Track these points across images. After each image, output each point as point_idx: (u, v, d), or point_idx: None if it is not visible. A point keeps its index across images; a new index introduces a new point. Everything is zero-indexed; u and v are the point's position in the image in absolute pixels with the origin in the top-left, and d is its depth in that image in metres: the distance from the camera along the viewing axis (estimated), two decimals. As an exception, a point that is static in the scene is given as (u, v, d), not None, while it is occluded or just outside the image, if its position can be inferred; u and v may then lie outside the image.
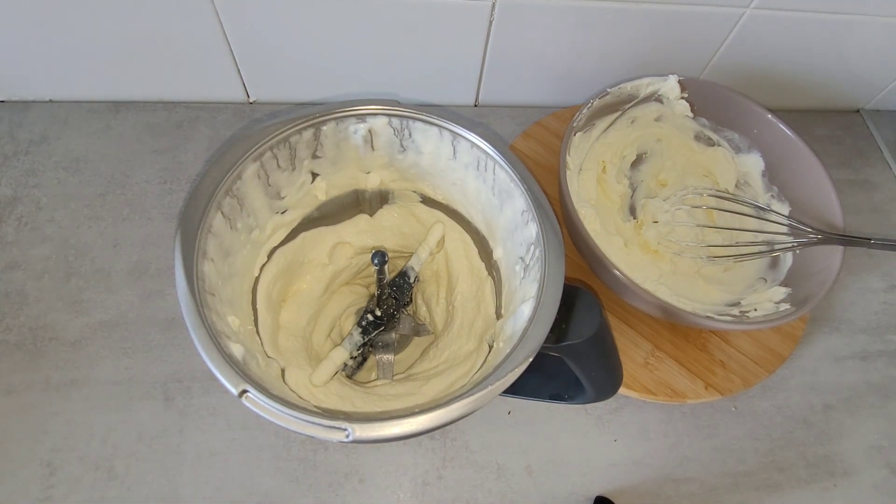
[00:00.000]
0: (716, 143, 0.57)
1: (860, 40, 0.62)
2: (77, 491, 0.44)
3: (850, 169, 0.69)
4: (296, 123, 0.39)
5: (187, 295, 0.32)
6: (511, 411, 0.50)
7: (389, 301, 0.46)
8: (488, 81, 0.63)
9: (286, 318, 0.44)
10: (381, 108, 0.41)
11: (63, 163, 0.57)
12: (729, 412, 0.52)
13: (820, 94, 0.70)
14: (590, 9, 0.54)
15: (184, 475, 0.45)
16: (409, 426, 0.30)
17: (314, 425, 0.29)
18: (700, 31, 0.59)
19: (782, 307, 0.47)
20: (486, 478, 0.47)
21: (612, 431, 0.50)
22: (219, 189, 0.36)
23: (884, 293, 0.61)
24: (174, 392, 0.48)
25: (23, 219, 0.54)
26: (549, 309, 0.34)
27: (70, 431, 0.46)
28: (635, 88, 0.53)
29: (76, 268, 0.52)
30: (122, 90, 0.61)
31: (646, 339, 0.52)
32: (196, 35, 0.54)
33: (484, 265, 0.46)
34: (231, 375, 0.30)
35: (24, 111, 0.60)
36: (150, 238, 0.54)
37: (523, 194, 0.38)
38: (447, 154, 0.42)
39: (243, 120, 0.62)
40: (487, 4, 0.53)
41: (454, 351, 0.44)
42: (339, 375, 0.43)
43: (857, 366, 0.56)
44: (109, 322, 0.50)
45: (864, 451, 0.52)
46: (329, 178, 0.44)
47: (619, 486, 0.48)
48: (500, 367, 0.32)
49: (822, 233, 0.47)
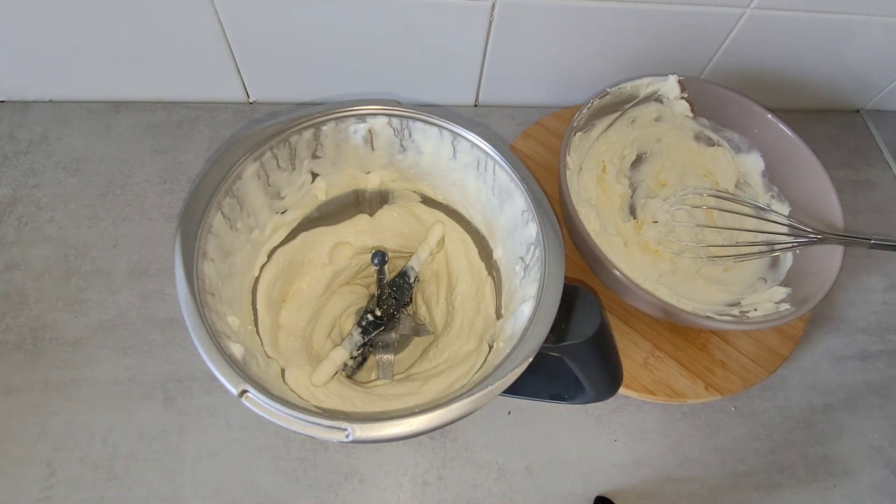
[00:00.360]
0: (716, 144, 0.57)
1: (860, 40, 0.62)
2: (77, 491, 0.44)
3: (850, 169, 0.69)
4: (296, 123, 0.39)
5: (187, 295, 0.32)
6: (511, 411, 0.50)
7: (389, 301, 0.46)
8: (488, 81, 0.63)
9: (286, 318, 0.44)
10: (381, 108, 0.41)
11: (63, 163, 0.57)
12: (729, 412, 0.52)
13: (820, 94, 0.70)
14: (590, 9, 0.54)
15: (184, 475, 0.45)
16: (409, 426, 0.30)
17: (314, 425, 0.29)
18: (700, 31, 0.59)
19: (782, 307, 0.47)
20: (486, 478, 0.47)
21: (612, 431, 0.50)
22: (219, 189, 0.36)
23: (884, 293, 0.61)
24: (174, 392, 0.48)
25: (23, 219, 0.54)
26: (549, 309, 0.34)
27: (70, 431, 0.46)
28: (635, 88, 0.53)
29: (76, 268, 0.52)
30: (122, 90, 0.61)
31: (646, 339, 0.52)
32: (196, 35, 0.54)
33: (484, 265, 0.46)
34: (231, 375, 0.30)
35: (24, 111, 0.60)
36: (150, 238, 0.54)
37: (523, 194, 0.38)
38: (447, 154, 0.42)
39: (243, 120, 0.62)
40: (487, 4, 0.53)
41: (454, 351, 0.44)
42: (339, 375, 0.43)
43: (857, 366, 0.56)
44: (109, 322, 0.50)
45: (864, 451, 0.52)
46: (329, 178, 0.44)
47: (619, 486, 0.48)
48: (500, 367, 0.32)
49: (822, 233, 0.47)
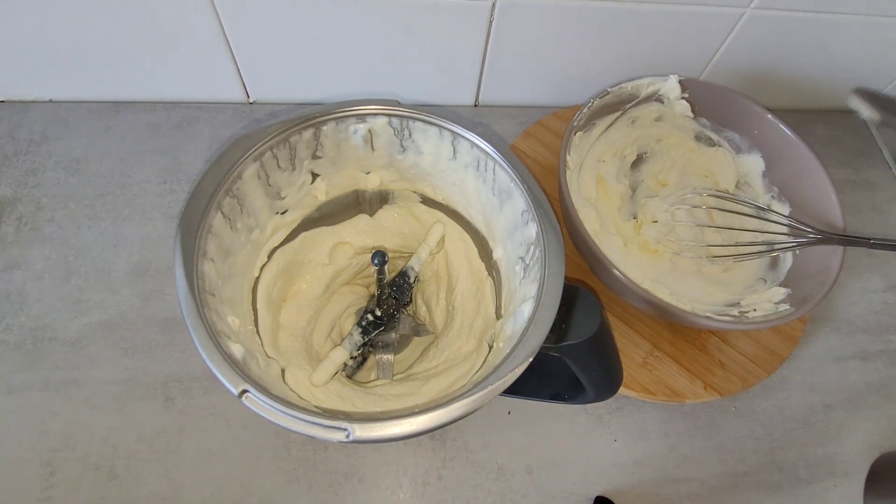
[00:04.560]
0: (716, 144, 0.57)
1: (860, 40, 0.62)
2: (77, 491, 0.44)
3: (850, 169, 0.69)
4: (296, 123, 0.39)
5: (187, 295, 0.32)
6: (511, 411, 0.50)
7: (389, 301, 0.46)
8: (488, 81, 0.63)
9: (286, 318, 0.44)
10: (381, 108, 0.41)
11: (63, 163, 0.57)
12: (729, 412, 0.52)
13: (820, 94, 0.70)
14: (590, 9, 0.54)
15: (184, 475, 0.45)
16: (409, 426, 0.30)
17: (314, 425, 0.29)
18: (700, 31, 0.59)
19: (782, 307, 0.47)
20: (486, 478, 0.47)
21: (612, 431, 0.50)
22: (219, 189, 0.36)
23: (884, 293, 0.61)
24: (174, 392, 0.48)
25: (23, 219, 0.54)
26: (549, 309, 0.34)
27: (70, 431, 0.46)
28: (636, 88, 0.53)
29: (76, 268, 0.52)
30: (122, 90, 0.61)
31: (645, 339, 0.52)
32: (196, 35, 0.54)
33: (484, 265, 0.46)
34: (231, 375, 0.30)
35: (24, 111, 0.60)
36: (150, 238, 0.54)
37: (523, 194, 0.38)
38: (447, 154, 0.42)
39: (243, 120, 0.62)
40: (487, 4, 0.53)
41: (454, 351, 0.44)
42: (339, 375, 0.43)
43: (857, 366, 0.56)
44: (109, 322, 0.50)
45: (864, 451, 0.52)
46: (329, 178, 0.44)
47: (619, 486, 0.48)
48: (500, 367, 0.32)
49: (822, 233, 0.47)
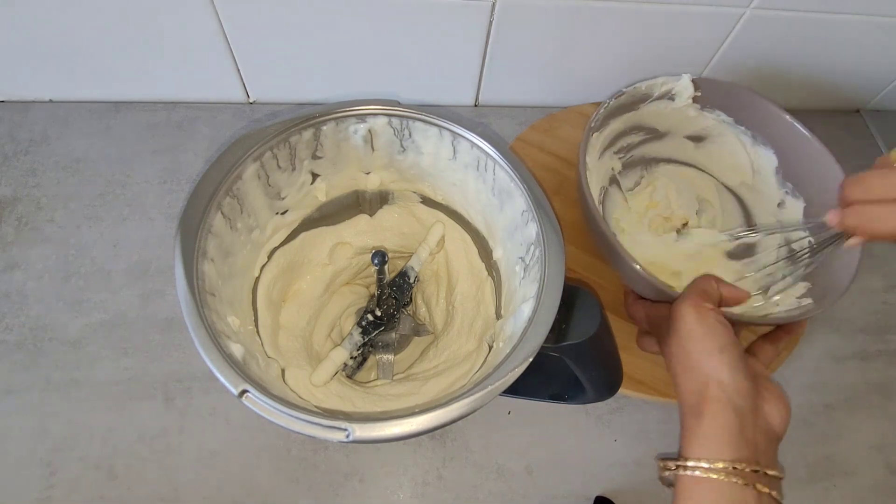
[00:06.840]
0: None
1: (860, 40, 0.61)
2: (77, 491, 0.44)
3: (851, 169, 0.69)
4: (296, 123, 0.39)
5: (187, 295, 0.32)
6: (511, 411, 0.50)
7: (389, 301, 0.46)
8: (488, 81, 0.63)
9: (286, 318, 0.44)
10: (381, 108, 0.41)
11: (63, 163, 0.57)
12: (729, 412, 0.52)
13: (820, 94, 0.70)
14: (590, 9, 0.54)
15: (184, 475, 0.45)
16: (409, 426, 0.30)
17: (314, 425, 0.29)
18: (700, 31, 0.59)
19: (804, 302, 0.46)
20: (486, 478, 0.47)
21: (612, 431, 0.50)
22: (219, 189, 0.36)
23: (884, 293, 0.61)
24: (174, 392, 0.48)
25: (23, 219, 0.54)
26: (549, 309, 0.34)
27: (70, 431, 0.46)
28: (650, 88, 0.52)
29: (76, 268, 0.52)
30: (122, 90, 0.61)
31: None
32: (196, 35, 0.54)
33: (484, 265, 0.46)
34: (231, 375, 0.30)
35: (24, 111, 0.60)
36: (150, 238, 0.54)
37: (523, 194, 0.38)
38: (447, 154, 0.42)
39: (243, 120, 0.62)
40: (487, 4, 0.53)
41: (454, 351, 0.44)
42: (339, 375, 0.43)
43: (857, 366, 0.56)
44: (109, 322, 0.50)
45: (864, 451, 0.52)
46: (329, 178, 0.44)
47: (619, 486, 0.48)
48: (500, 367, 0.32)
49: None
